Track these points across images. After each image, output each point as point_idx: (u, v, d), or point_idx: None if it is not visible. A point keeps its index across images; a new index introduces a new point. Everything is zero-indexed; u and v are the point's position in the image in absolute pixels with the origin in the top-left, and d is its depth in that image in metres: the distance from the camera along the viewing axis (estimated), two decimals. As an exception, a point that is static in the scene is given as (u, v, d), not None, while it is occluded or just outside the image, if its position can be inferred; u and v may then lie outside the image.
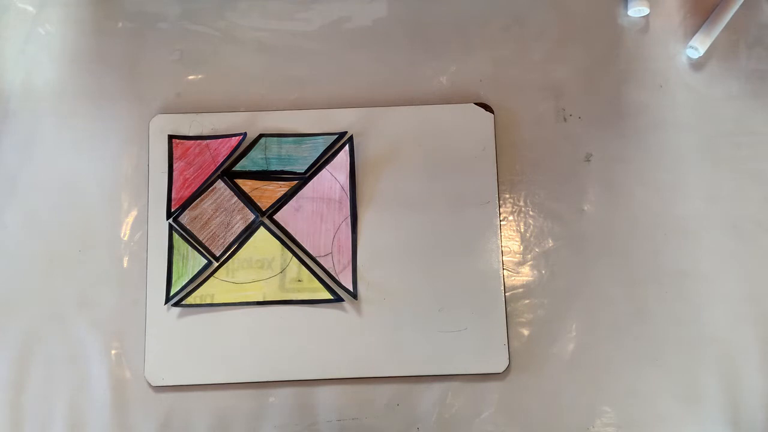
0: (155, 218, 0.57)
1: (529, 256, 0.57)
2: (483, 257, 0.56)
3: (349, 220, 0.56)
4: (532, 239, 0.57)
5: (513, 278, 0.56)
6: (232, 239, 0.56)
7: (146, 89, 0.60)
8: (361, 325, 0.55)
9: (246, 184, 0.57)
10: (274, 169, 0.57)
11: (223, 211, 0.57)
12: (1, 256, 0.57)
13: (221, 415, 0.54)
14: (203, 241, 0.56)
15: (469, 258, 0.56)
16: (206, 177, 0.57)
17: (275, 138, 0.58)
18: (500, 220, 0.57)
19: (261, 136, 0.58)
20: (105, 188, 0.58)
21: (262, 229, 0.56)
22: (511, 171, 0.58)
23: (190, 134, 0.58)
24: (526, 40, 0.61)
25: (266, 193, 0.57)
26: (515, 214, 0.58)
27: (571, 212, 0.58)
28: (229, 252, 0.56)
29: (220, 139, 0.58)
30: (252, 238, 0.56)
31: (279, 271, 0.56)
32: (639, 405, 0.54)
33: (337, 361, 0.54)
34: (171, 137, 0.58)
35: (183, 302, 0.55)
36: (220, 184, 0.57)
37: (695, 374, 0.55)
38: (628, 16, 0.61)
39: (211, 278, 0.56)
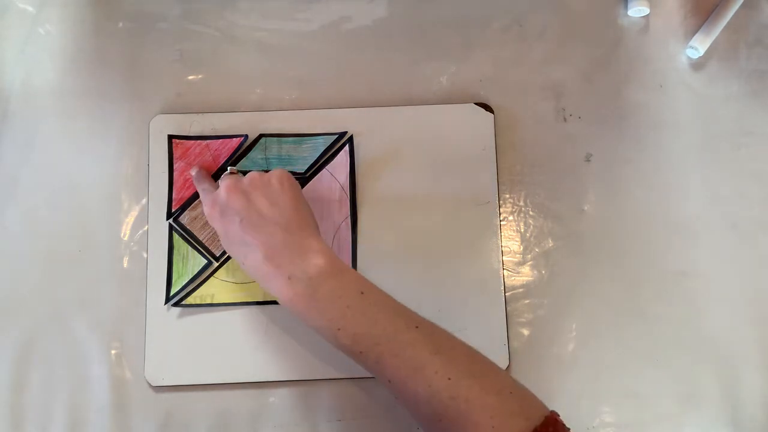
0: (155, 218, 0.57)
1: (529, 256, 0.57)
2: (483, 257, 0.56)
3: (349, 220, 0.56)
4: (532, 239, 0.57)
5: (513, 278, 0.56)
6: (232, 239, 0.56)
7: (146, 89, 0.60)
8: (361, 325, 0.55)
9: (246, 184, 0.57)
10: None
11: (223, 211, 0.57)
12: (1, 256, 0.57)
13: (221, 415, 0.54)
14: (203, 241, 0.56)
15: (469, 258, 0.56)
16: (206, 177, 0.57)
17: (275, 138, 0.58)
18: (500, 220, 0.57)
19: (261, 136, 0.58)
20: (105, 188, 0.58)
21: (262, 229, 0.56)
22: (511, 171, 0.58)
23: (191, 134, 0.58)
24: (526, 40, 0.61)
25: (266, 193, 0.57)
26: (515, 214, 0.58)
27: (571, 212, 0.58)
28: (229, 252, 0.56)
29: (221, 140, 0.58)
30: (252, 238, 0.56)
31: (279, 271, 0.56)
32: (639, 405, 0.54)
33: (337, 361, 0.54)
34: (171, 137, 0.58)
35: (183, 302, 0.55)
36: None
37: (695, 374, 0.55)
38: (628, 16, 0.61)
39: (211, 278, 0.56)
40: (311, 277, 0.46)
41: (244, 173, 0.53)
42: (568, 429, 0.43)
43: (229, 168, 0.54)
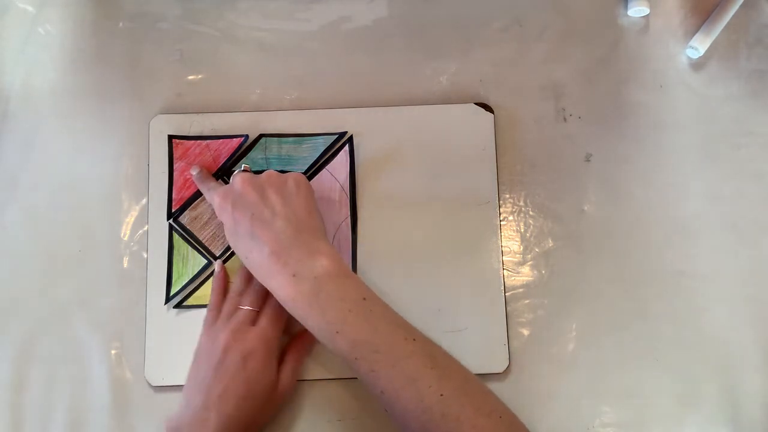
0: (155, 218, 0.57)
1: (529, 256, 0.57)
2: (483, 257, 0.56)
3: (348, 221, 0.56)
4: (532, 239, 0.57)
5: (513, 278, 0.56)
6: (232, 239, 0.56)
7: (146, 89, 0.60)
8: (361, 325, 0.55)
9: (246, 184, 0.57)
10: (274, 170, 0.57)
11: (223, 211, 0.57)
12: (1, 256, 0.57)
13: (221, 415, 0.54)
14: (203, 241, 0.56)
15: (469, 258, 0.56)
16: (206, 177, 0.57)
17: (275, 138, 0.58)
18: (500, 220, 0.57)
19: (261, 136, 0.58)
20: (105, 188, 0.58)
21: (262, 229, 0.56)
22: (511, 171, 0.58)
23: (191, 134, 0.58)
24: (526, 40, 0.61)
25: (266, 193, 0.57)
26: (515, 214, 0.58)
27: (571, 212, 0.58)
28: (230, 252, 0.56)
29: (221, 140, 0.58)
30: (252, 238, 0.56)
31: (279, 271, 0.55)
32: (639, 405, 0.54)
33: (337, 361, 0.54)
34: (171, 137, 0.58)
35: (183, 302, 0.55)
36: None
37: (695, 374, 0.55)
38: (628, 16, 0.61)
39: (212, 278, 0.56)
40: (317, 276, 0.46)
41: (257, 173, 0.53)
42: None
43: (243, 165, 0.54)
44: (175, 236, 0.56)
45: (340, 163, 0.57)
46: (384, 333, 0.45)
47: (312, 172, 0.57)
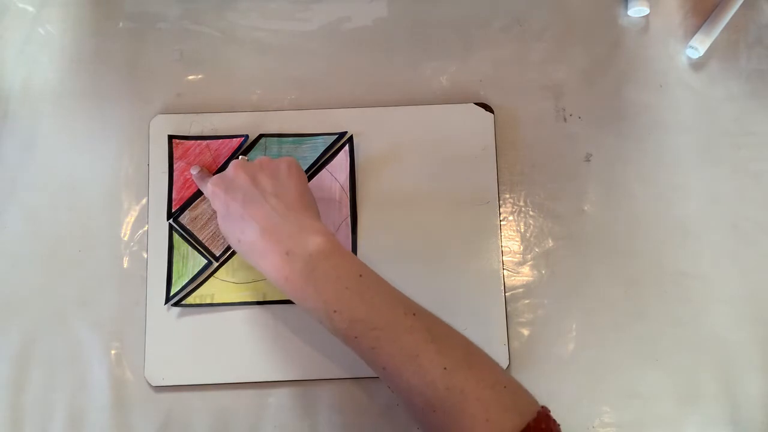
0: (155, 218, 0.57)
1: (529, 256, 0.57)
2: (483, 257, 0.56)
3: (348, 221, 0.56)
4: (532, 239, 0.57)
5: (513, 278, 0.56)
6: (232, 239, 0.56)
7: (146, 89, 0.60)
8: (361, 325, 0.55)
9: (246, 184, 0.57)
10: (274, 169, 0.57)
11: (223, 211, 0.57)
12: (1, 256, 0.57)
13: (221, 415, 0.54)
14: (203, 241, 0.56)
15: (469, 258, 0.56)
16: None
17: (275, 138, 0.58)
18: (500, 220, 0.57)
19: (261, 136, 0.58)
20: (105, 188, 0.58)
21: (262, 229, 0.56)
22: (511, 171, 0.58)
23: (191, 134, 0.58)
24: (526, 40, 0.61)
25: (266, 193, 0.57)
26: (515, 214, 0.58)
27: (571, 212, 0.58)
28: (229, 252, 0.56)
29: (221, 140, 0.58)
30: (252, 238, 0.56)
31: (279, 271, 0.55)
32: (639, 405, 0.54)
33: (337, 361, 0.54)
34: (171, 137, 0.58)
35: (183, 302, 0.55)
36: (220, 184, 0.57)
37: (695, 374, 0.55)
38: (628, 16, 0.61)
39: (211, 278, 0.56)
40: (311, 254, 0.45)
41: None
42: (558, 425, 0.43)
43: (240, 156, 0.55)
44: (175, 236, 0.56)
45: (340, 163, 0.57)
46: (382, 309, 0.44)
47: (312, 172, 0.57)
